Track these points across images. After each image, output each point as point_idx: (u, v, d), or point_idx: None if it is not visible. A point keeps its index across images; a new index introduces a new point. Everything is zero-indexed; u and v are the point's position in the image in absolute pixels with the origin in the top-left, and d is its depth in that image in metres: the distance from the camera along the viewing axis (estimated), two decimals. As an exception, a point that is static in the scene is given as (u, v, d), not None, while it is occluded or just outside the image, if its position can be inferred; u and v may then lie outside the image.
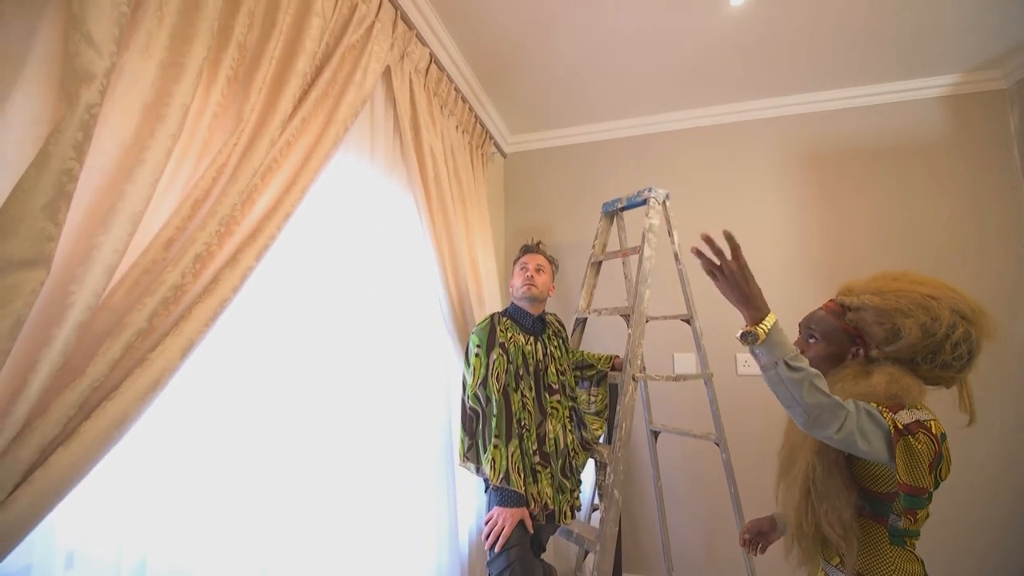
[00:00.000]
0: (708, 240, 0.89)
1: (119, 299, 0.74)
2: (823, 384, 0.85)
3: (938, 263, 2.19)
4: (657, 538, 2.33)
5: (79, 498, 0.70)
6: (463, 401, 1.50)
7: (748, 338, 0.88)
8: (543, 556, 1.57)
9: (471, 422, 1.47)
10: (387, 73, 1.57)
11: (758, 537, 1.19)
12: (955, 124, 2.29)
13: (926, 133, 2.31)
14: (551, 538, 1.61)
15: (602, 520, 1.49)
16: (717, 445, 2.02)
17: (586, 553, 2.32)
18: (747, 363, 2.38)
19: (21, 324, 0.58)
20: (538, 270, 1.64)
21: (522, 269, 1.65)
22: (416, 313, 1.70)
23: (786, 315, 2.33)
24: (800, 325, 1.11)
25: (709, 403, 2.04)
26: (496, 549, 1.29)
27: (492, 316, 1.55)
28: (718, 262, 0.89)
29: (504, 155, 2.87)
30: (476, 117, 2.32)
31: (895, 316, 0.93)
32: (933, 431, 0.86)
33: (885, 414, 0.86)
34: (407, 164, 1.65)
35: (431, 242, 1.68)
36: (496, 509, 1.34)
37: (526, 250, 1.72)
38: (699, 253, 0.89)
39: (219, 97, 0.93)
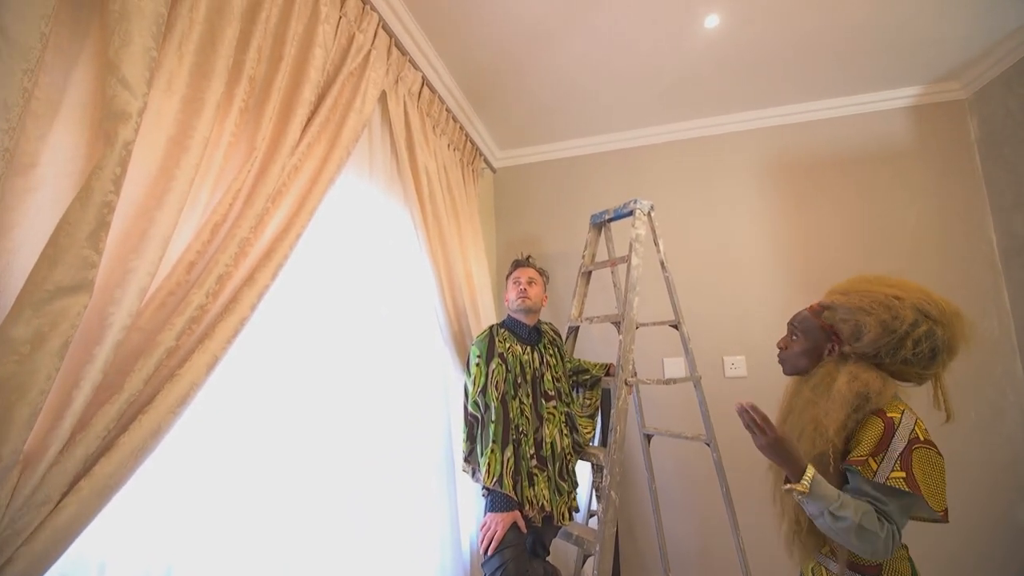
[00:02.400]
0: (742, 414, 0.96)
1: (148, 319, 0.79)
2: (871, 522, 0.89)
3: (908, 266, 2.32)
4: (653, 539, 2.39)
5: (109, 508, 0.74)
6: (465, 408, 1.56)
7: (795, 494, 0.93)
8: (548, 558, 1.62)
9: (472, 428, 1.53)
10: (383, 97, 1.64)
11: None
12: (919, 134, 2.43)
13: (892, 143, 2.45)
14: (552, 541, 1.66)
15: (600, 521, 1.55)
16: (708, 445, 2.09)
17: (585, 558, 2.37)
18: (734, 366, 2.47)
19: (68, 345, 0.64)
20: (530, 283, 1.72)
21: (515, 283, 1.73)
22: (415, 325, 1.76)
23: (768, 317, 2.46)
24: (788, 322, 1.18)
25: (699, 405, 2.12)
26: (489, 552, 1.34)
27: (491, 328, 1.62)
28: (747, 421, 0.96)
29: (494, 170, 2.96)
30: (466, 135, 2.41)
31: (857, 313, 1.01)
32: (923, 439, 0.93)
33: (893, 479, 0.90)
34: (403, 182, 1.72)
35: (427, 256, 1.74)
36: (489, 515, 1.40)
37: (517, 264, 1.80)
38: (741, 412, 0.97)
39: (233, 127, 0.99)
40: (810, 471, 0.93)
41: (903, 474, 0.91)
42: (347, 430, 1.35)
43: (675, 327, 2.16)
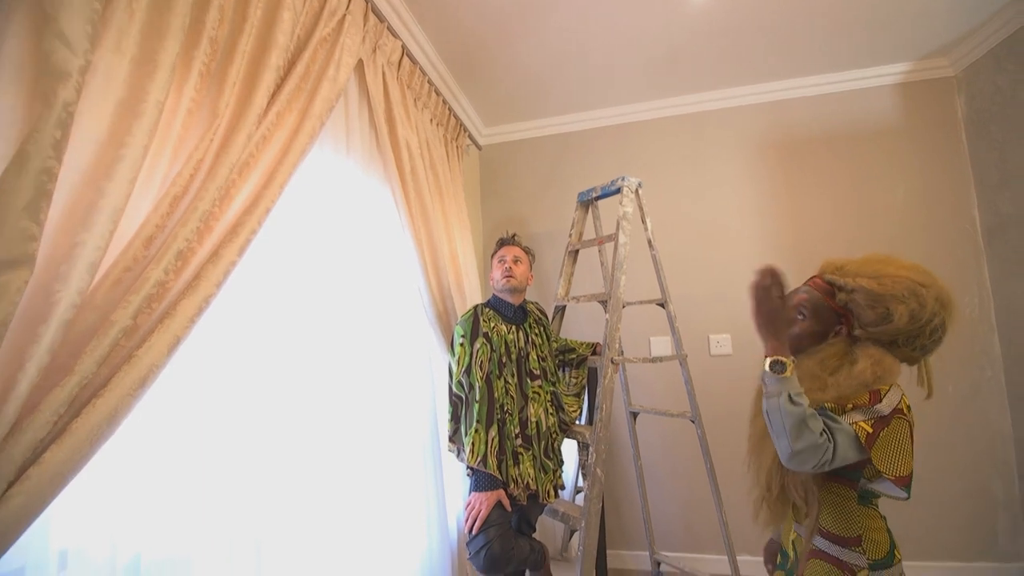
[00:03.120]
0: (765, 273, 0.95)
1: (102, 297, 0.74)
2: (816, 424, 0.90)
3: (894, 246, 2.32)
4: (639, 514, 2.42)
5: (71, 496, 0.71)
6: (449, 388, 1.54)
7: (776, 367, 0.93)
8: (533, 535, 1.63)
9: (456, 408, 1.51)
10: (359, 67, 1.57)
11: (773, 561, 1.27)
12: (907, 111, 2.41)
13: (881, 120, 2.43)
14: (539, 518, 1.66)
15: (586, 498, 1.55)
16: (693, 422, 2.10)
17: (571, 533, 2.40)
18: (719, 344, 2.48)
19: (7, 323, 0.59)
20: (516, 261, 1.68)
21: (500, 262, 1.69)
22: (398, 305, 1.72)
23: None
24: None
25: (684, 383, 2.13)
26: (474, 531, 1.34)
27: (476, 307, 1.59)
28: (768, 282, 0.95)
29: (479, 147, 2.88)
30: (450, 110, 2.33)
31: (889, 301, 0.97)
32: (906, 413, 0.94)
33: (859, 426, 0.91)
34: (383, 158, 1.66)
35: (410, 235, 1.69)
36: (473, 495, 1.39)
37: (502, 243, 1.76)
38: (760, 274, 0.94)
39: (193, 93, 0.93)
40: (791, 361, 0.94)
41: (870, 430, 0.90)
42: (331, 413, 1.32)
43: (662, 305, 2.14)
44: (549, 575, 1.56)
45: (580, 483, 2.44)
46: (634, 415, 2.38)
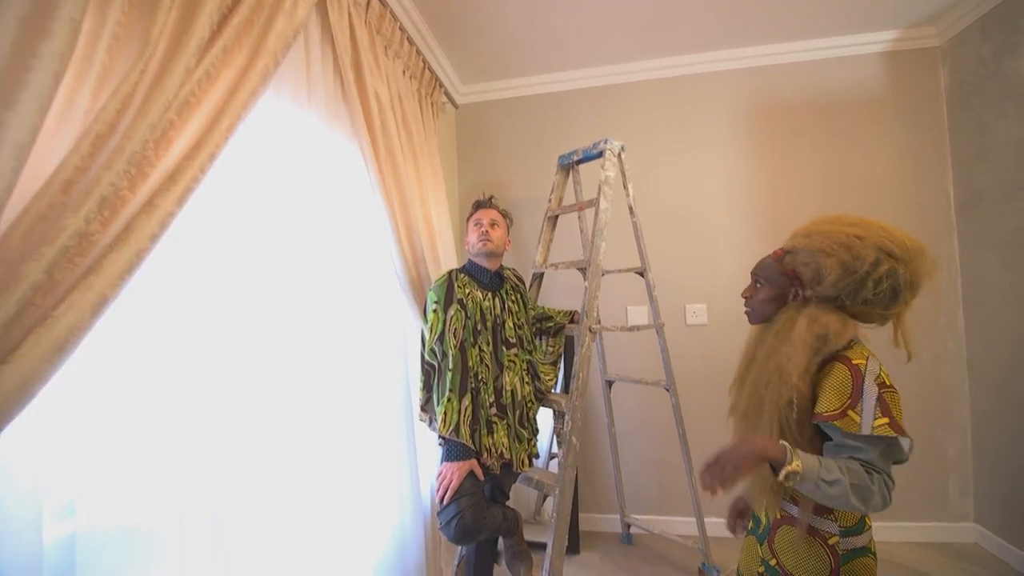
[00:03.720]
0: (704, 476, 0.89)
1: (12, 249, 0.64)
2: (860, 477, 0.86)
3: (868, 214, 2.32)
4: (611, 479, 2.46)
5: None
6: (421, 356, 1.48)
7: (792, 478, 0.87)
8: (507, 503, 1.62)
9: (428, 376, 1.46)
10: (322, 5, 1.42)
11: (739, 519, 1.26)
12: (892, 81, 2.38)
13: (865, 89, 2.39)
14: (513, 486, 1.65)
15: (560, 465, 1.54)
16: (667, 391, 2.12)
17: (544, 497, 2.42)
18: (695, 313, 2.48)
19: None
20: (492, 225, 1.60)
21: (476, 225, 1.61)
22: (368, 270, 1.63)
23: (731, 265, 2.45)
24: (752, 272, 1.13)
25: (660, 352, 2.12)
26: (445, 501, 1.31)
27: (450, 273, 1.52)
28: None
29: (456, 106, 2.74)
30: (425, 62, 2.18)
31: (818, 256, 0.96)
32: (888, 384, 0.92)
33: (881, 428, 0.87)
34: (350, 110, 1.53)
35: (380, 195, 1.59)
36: (445, 464, 1.35)
37: (479, 206, 1.67)
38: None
39: (119, 15, 0.80)
40: (791, 451, 0.88)
41: (886, 420, 0.89)
42: (298, 382, 1.25)
43: (640, 274, 2.11)
44: (522, 541, 1.56)
45: (554, 449, 2.45)
46: (609, 383, 2.38)
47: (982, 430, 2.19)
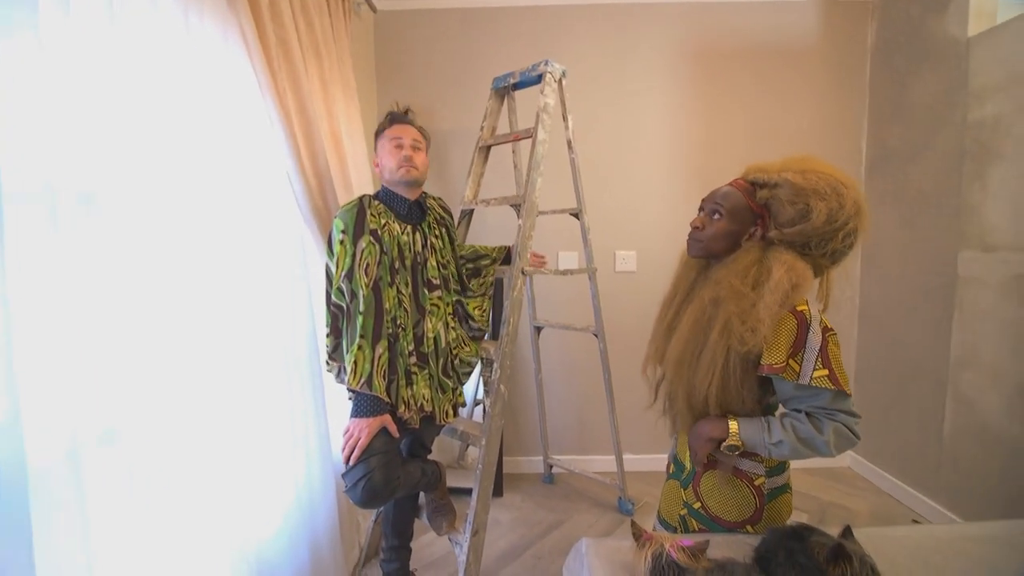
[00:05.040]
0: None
1: None
2: (807, 431, 0.88)
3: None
4: (535, 423, 2.47)
5: None
6: (328, 296, 1.27)
7: (733, 450, 0.93)
8: (429, 456, 1.51)
9: (336, 320, 1.25)
10: None
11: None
12: (824, 32, 2.37)
13: (798, 38, 2.37)
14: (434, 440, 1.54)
15: (487, 415, 1.45)
16: (596, 336, 2.09)
17: (468, 444, 2.38)
18: (625, 260, 2.46)
19: None
20: (415, 148, 1.36)
21: (396, 147, 1.34)
22: (262, 194, 1.35)
23: (660, 212, 2.42)
24: (704, 200, 1.02)
25: (592, 298, 2.07)
26: (351, 462, 1.16)
27: (362, 198, 1.28)
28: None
29: (374, 9, 2.33)
30: (334, -58, 1.77)
31: (811, 196, 0.89)
32: (829, 327, 0.90)
33: (820, 379, 0.86)
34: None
35: (272, 99, 1.27)
36: (353, 420, 1.19)
37: (394, 119, 1.38)
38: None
39: None
40: (732, 424, 0.92)
41: (825, 372, 0.87)
42: (174, 324, 1.00)
43: (576, 216, 2.00)
44: (445, 494, 1.48)
45: (479, 396, 2.39)
46: (538, 329, 2.32)
47: (864, 369, 2.44)
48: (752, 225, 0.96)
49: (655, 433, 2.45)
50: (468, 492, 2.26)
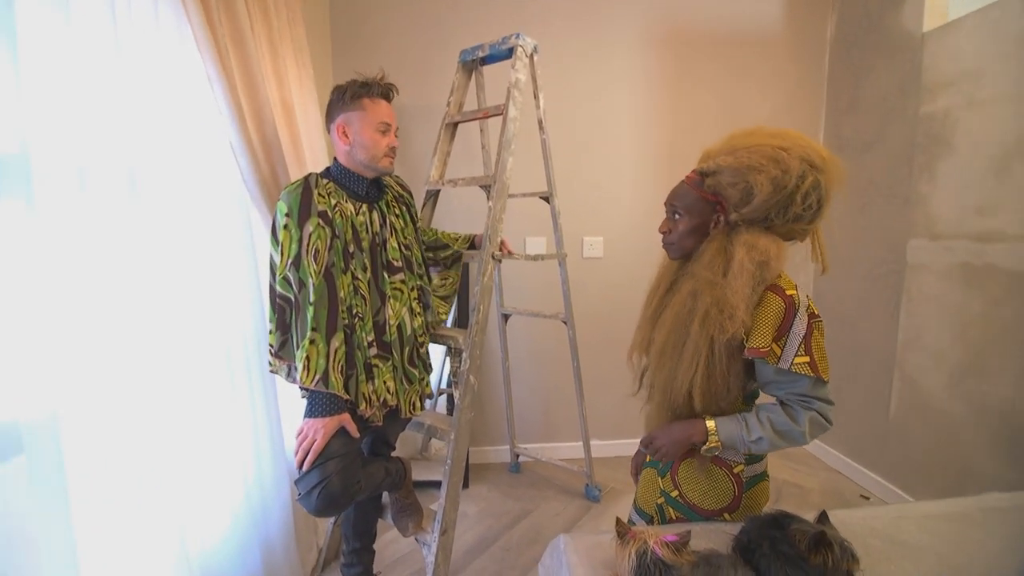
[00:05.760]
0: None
1: None
2: (782, 423, 0.88)
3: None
4: (502, 412, 2.42)
5: None
6: (272, 288, 1.13)
7: (713, 451, 0.92)
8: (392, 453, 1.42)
9: (283, 313, 1.12)
10: None
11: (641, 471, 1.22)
12: (787, 22, 2.41)
13: (763, 27, 2.39)
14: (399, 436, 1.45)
15: (457, 407, 1.37)
16: (565, 323, 2.05)
17: (434, 437, 2.30)
18: (592, 246, 2.43)
19: None
20: (396, 132, 1.24)
21: (382, 132, 1.19)
22: (204, 168, 1.20)
23: (628, 198, 2.40)
24: (665, 203, 1.01)
25: (561, 284, 2.03)
26: (305, 467, 1.05)
27: (307, 177, 1.14)
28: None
29: (329, -31, 2.15)
30: None
31: (747, 173, 0.87)
32: (816, 313, 0.88)
33: (801, 365, 0.85)
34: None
35: (210, 55, 1.12)
36: (307, 422, 1.07)
37: (369, 91, 1.19)
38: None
39: None
40: (710, 424, 0.91)
41: (806, 359, 0.86)
42: (106, 315, 0.86)
43: (546, 199, 1.94)
44: (411, 493, 1.39)
45: (443, 385, 2.31)
46: (506, 317, 2.25)
47: (815, 354, 2.54)
48: (712, 213, 0.93)
49: (621, 419, 2.50)
50: (433, 485, 2.21)
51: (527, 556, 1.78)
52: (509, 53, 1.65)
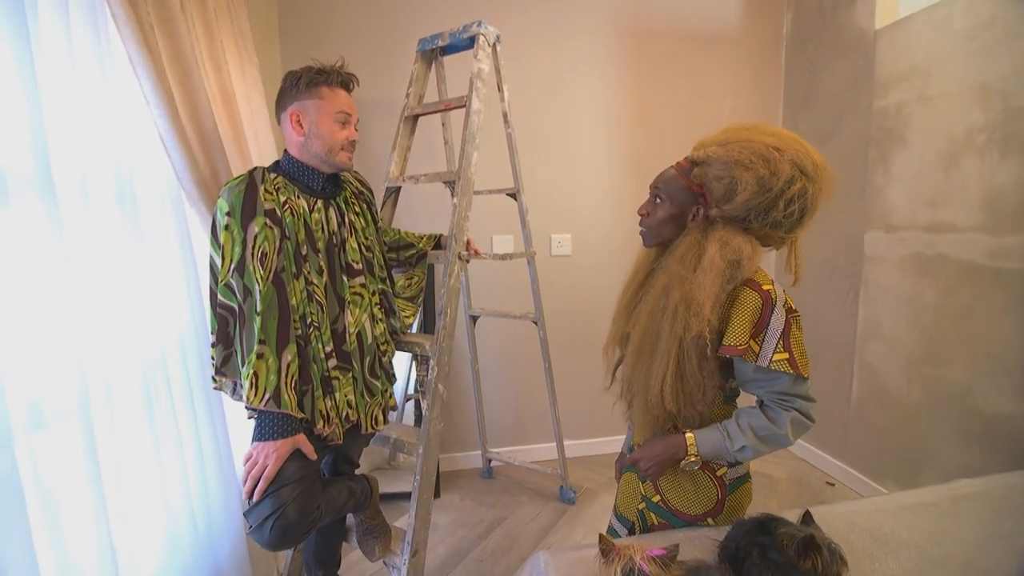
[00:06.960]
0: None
1: None
2: (763, 427, 0.86)
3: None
4: (472, 416, 2.34)
5: None
6: (213, 295, 1.01)
7: (693, 466, 0.90)
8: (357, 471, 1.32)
9: (225, 324, 1.00)
10: None
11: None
12: (744, 18, 2.43)
13: (721, 22, 2.40)
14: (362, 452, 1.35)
15: (425, 418, 1.29)
16: (535, 324, 2.00)
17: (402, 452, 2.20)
18: (560, 244, 2.38)
19: None
20: (356, 126, 1.14)
21: (342, 124, 1.08)
22: (131, 166, 1.06)
23: (595, 194, 2.36)
24: (650, 186, 0.97)
25: (531, 283, 1.97)
26: (256, 497, 0.94)
27: (252, 171, 1.02)
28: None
29: (274, -49, 2.00)
30: None
31: (735, 169, 0.84)
32: (793, 308, 0.86)
33: (780, 363, 0.83)
34: None
35: (131, 32, 0.99)
36: (255, 446, 0.96)
37: (341, 82, 1.10)
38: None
39: None
40: (689, 437, 0.88)
41: (785, 355, 0.83)
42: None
43: (513, 196, 1.88)
44: (378, 513, 1.29)
45: (409, 390, 2.21)
46: (474, 319, 2.18)
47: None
48: (693, 204, 0.90)
49: (594, 417, 2.47)
50: (403, 497, 2.10)
51: (502, 566, 1.71)
52: (471, 42, 1.57)
